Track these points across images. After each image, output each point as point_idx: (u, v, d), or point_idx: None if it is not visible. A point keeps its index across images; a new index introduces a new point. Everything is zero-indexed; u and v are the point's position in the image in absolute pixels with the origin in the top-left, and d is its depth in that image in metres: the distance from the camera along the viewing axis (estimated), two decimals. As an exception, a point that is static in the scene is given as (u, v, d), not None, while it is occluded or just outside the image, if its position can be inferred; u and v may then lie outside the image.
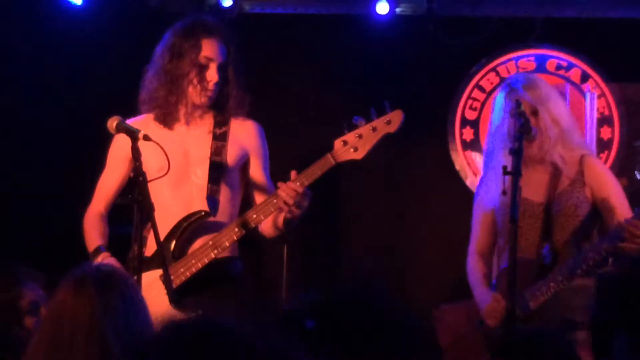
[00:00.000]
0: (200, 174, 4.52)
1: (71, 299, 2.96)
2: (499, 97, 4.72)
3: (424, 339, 2.10)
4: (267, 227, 4.57)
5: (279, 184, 4.35)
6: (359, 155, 4.37)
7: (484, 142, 5.59)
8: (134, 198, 3.96)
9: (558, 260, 4.52)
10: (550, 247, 4.55)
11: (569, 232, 4.57)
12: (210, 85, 4.49)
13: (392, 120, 4.36)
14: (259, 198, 4.59)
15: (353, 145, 4.35)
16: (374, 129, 4.35)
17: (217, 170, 4.52)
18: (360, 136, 4.35)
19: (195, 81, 4.49)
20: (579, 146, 4.70)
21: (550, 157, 4.61)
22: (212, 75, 4.49)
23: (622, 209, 4.54)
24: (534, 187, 4.61)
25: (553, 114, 4.61)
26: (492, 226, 4.80)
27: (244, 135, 4.62)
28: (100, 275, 3.04)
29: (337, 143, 4.37)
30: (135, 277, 3.91)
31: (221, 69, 4.50)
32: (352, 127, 4.36)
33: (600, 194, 4.58)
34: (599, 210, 4.60)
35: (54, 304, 3.02)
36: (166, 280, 4.10)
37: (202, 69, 4.48)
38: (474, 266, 4.81)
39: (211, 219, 4.47)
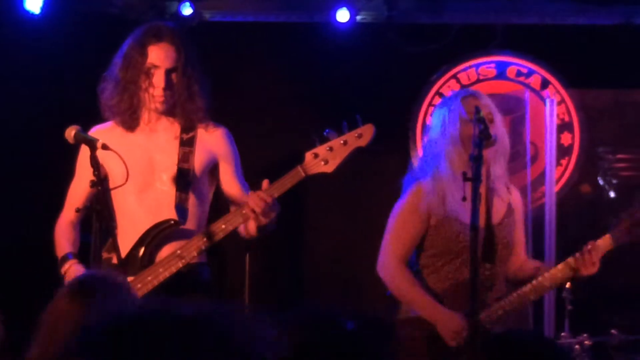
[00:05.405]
0: (167, 180, 4.51)
1: (65, 305, 3.00)
2: (449, 104, 4.72)
3: None
4: (240, 232, 4.59)
5: (250, 192, 4.36)
6: (330, 168, 4.37)
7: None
8: (93, 207, 3.98)
9: (494, 284, 4.65)
10: (488, 269, 4.64)
11: (504, 261, 4.74)
12: (158, 92, 4.48)
13: (363, 134, 4.36)
14: (235, 202, 4.58)
15: (324, 158, 4.35)
16: (345, 143, 4.36)
17: (185, 178, 4.51)
18: (331, 149, 4.35)
19: (145, 88, 4.48)
20: (506, 172, 4.84)
21: (493, 172, 4.67)
22: (158, 81, 4.48)
23: (522, 248, 4.91)
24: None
25: (501, 127, 4.76)
26: (419, 237, 4.78)
27: (212, 140, 4.61)
28: (93, 281, 3.12)
29: (308, 155, 4.36)
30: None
31: (169, 74, 4.48)
32: (324, 140, 4.36)
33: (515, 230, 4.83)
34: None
35: (49, 311, 3.05)
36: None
37: (150, 75, 4.47)
38: (407, 277, 4.71)
39: (180, 227, 4.46)
